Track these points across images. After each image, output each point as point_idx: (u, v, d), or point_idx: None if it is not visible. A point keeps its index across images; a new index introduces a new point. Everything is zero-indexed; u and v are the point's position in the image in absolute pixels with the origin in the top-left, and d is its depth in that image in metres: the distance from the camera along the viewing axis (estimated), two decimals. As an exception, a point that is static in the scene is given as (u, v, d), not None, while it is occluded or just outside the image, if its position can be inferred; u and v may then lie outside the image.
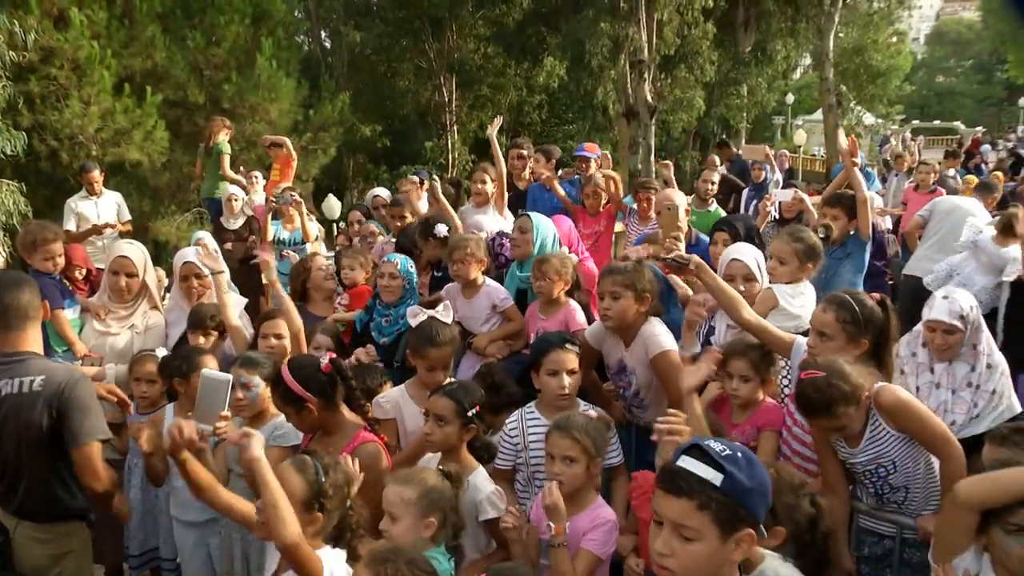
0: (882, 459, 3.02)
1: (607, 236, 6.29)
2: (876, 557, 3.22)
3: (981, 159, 21.35)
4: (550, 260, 4.37)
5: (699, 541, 1.75)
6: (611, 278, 3.71)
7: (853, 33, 29.26)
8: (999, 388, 3.60)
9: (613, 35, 19.59)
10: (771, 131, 36.57)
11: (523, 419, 3.42)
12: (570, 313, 4.37)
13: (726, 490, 1.74)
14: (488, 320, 4.62)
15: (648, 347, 3.71)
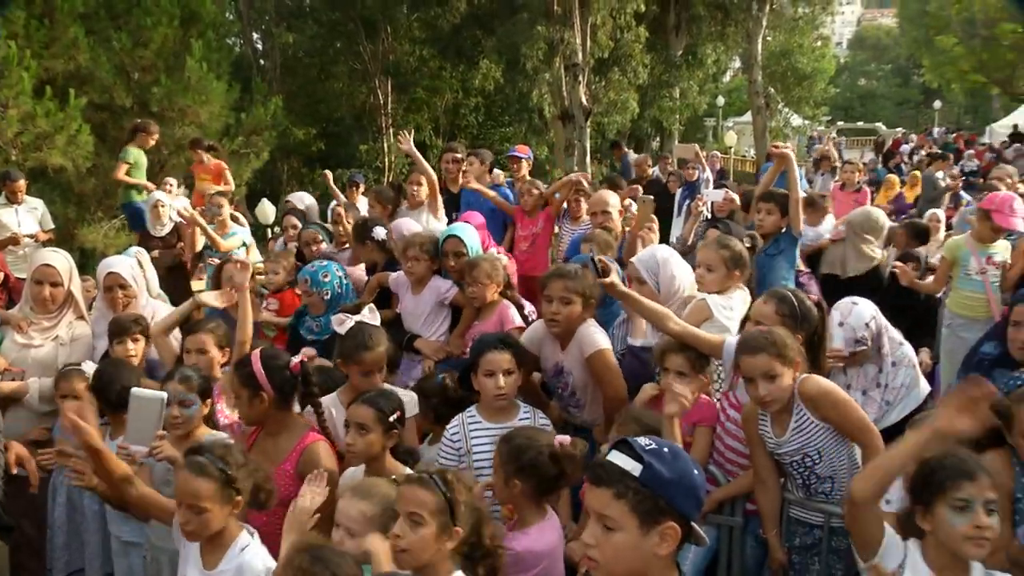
0: (808, 449, 3.12)
1: (544, 237, 6.36)
2: (806, 546, 3.32)
3: (901, 158, 22.16)
4: (480, 265, 4.38)
5: (619, 531, 1.80)
6: (562, 283, 3.72)
7: (780, 37, 30.00)
8: (906, 381, 3.76)
9: (548, 38, 19.73)
10: (703, 132, 37.27)
11: (464, 423, 3.43)
12: (504, 313, 4.39)
13: (644, 480, 1.80)
14: (431, 314, 4.63)
15: (583, 347, 3.75)
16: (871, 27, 71.67)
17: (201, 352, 3.91)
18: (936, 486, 2.28)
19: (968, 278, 5.48)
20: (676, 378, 3.50)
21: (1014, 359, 3.61)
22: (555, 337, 3.86)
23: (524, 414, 3.48)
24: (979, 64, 28.66)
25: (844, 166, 9.94)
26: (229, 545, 2.63)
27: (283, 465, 3.17)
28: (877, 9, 70.41)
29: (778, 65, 30.04)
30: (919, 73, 47.31)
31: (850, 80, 62.36)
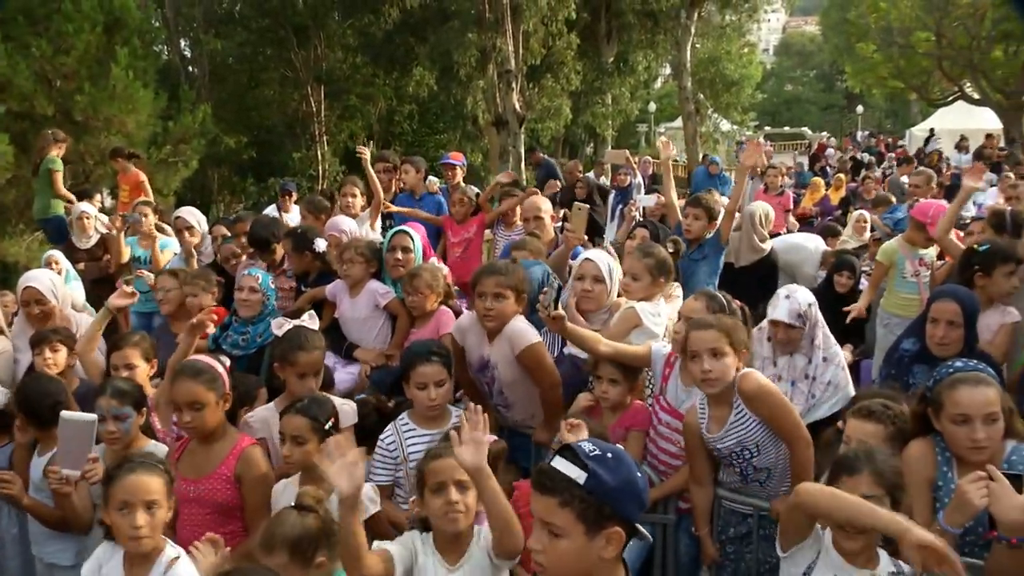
0: (746, 442, 3.21)
1: (477, 243, 6.38)
2: (740, 536, 3.43)
3: (826, 162, 22.85)
4: (421, 274, 4.39)
5: (565, 537, 1.83)
6: (495, 279, 3.76)
7: (708, 44, 30.65)
8: (834, 379, 3.85)
9: (480, 45, 19.80)
10: (635, 138, 37.82)
11: (399, 431, 3.43)
12: (440, 319, 4.40)
13: (589, 488, 1.82)
14: (369, 318, 4.60)
15: (513, 343, 3.77)
16: (796, 34, 73.66)
17: (129, 367, 3.83)
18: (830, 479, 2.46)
19: (904, 280, 5.67)
20: (609, 385, 3.57)
21: (932, 354, 3.73)
22: (483, 331, 3.88)
23: (456, 418, 3.49)
24: (897, 70, 29.66)
25: (768, 170, 10.26)
26: (155, 560, 2.57)
27: (219, 469, 3.14)
28: (801, 17, 72.26)
29: (707, 72, 30.65)
30: (842, 79, 48.78)
31: (776, 86, 63.94)
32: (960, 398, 2.65)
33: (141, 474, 2.55)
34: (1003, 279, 4.22)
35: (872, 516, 2.31)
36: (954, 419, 2.67)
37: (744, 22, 29.90)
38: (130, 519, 2.51)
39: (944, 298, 3.77)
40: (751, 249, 5.89)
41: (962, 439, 2.65)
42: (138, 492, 2.52)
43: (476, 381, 4.04)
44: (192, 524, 2.91)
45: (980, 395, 2.64)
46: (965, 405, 2.64)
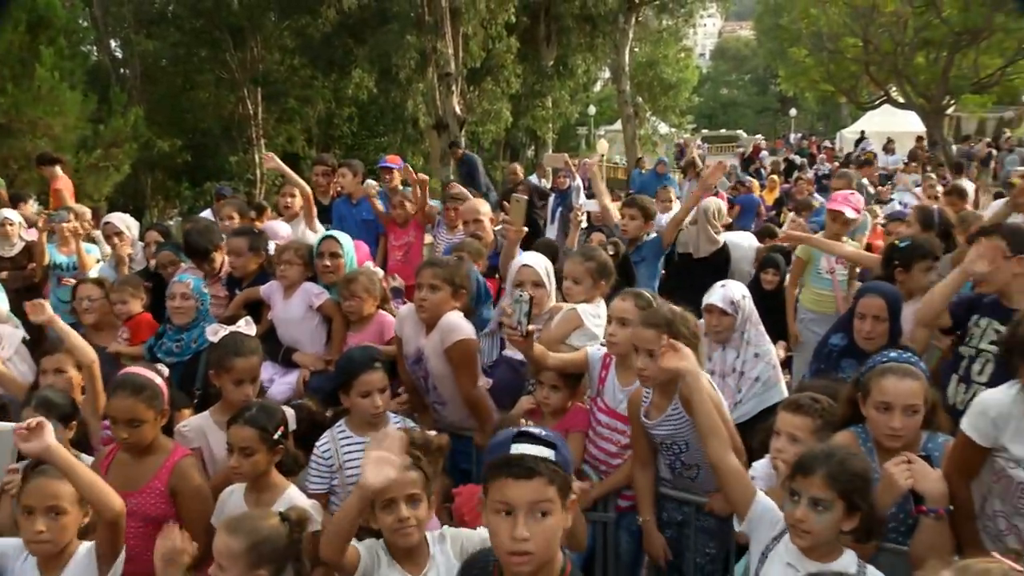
0: (676, 438, 3.27)
1: (418, 246, 6.37)
2: (678, 522, 3.49)
3: (761, 164, 23.36)
4: (358, 279, 4.36)
5: (553, 514, 1.87)
6: (431, 270, 3.80)
7: (646, 49, 31.06)
8: (763, 376, 3.94)
9: (420, 48, 19.77)
10: (576, 141, 38.11)
11: (335, 439, 3.39)
12: (384, 324, 4.38)
13: (559, 463, 1.90)
14: (304, 319, 4.55)
15: (444, 336, 3.77)
16: (731, 39, 75.09)
17: (59, 372, 3.74)
18: (789, 476, 2.52)
19: (819, 276, 5.85)
20: (551, 391, 3.60)
21: (860, 349, 3.85)
22: (421, 323, 3.89)
23: (394, 423, 3.47)
24: (827, 75, 30.42)
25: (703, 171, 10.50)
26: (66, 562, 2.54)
27: (152, 483, 3.06)
28: (736, 22, 73.67)
29: (645, 75, 31.05)
30: (775, 83, 49.77)
31: (713, 89, 65.06)
32: (885, 386, 2.76)
33: (49, 479, 2.52)
34: (921, 274, 4.38)
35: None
36: (877, 406, 2.78)
37: (681, 27, 30.43)
38: (31, 524, 2.51)
39: (870, 294, 3.90)
40: (708, 241, 6.09)
41: (882, 426, 2.77)
42: (43, 497, 2.51)
43: (412, 375, 4.03)
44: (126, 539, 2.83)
45: (904, 386, 2.74)
46: (888, 394, 2.75)
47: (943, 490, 2.57)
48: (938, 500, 2.56)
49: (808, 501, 2.40)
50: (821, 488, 2.39)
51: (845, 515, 2.40)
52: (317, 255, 4.62)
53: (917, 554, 2.65)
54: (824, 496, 2.38)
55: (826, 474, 2.39)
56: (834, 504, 2.39)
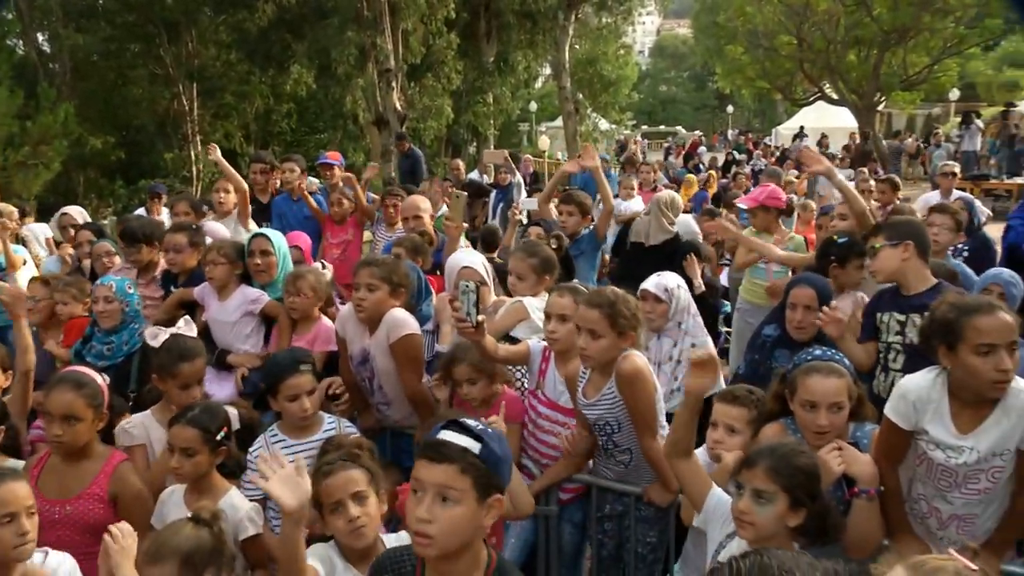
0: (609, 417, 3.32)
1: (356, 244, 6.32)
2: (617, 514, 3.53)
3: (699, 159, 23.75)
4: (305, 276, 4.30)
5: (460, 504, 1.87)
6: (368, 270, 3.77)
7: (586, 45, 31.28)
8: None
9: (359, 44, 19.56)
10: (518, 137, 38.21)
11: (269, 444, 3.33)
12: (320, 332, 4.33)
13: (483, 457, 1.88)
14: (240, 323, 4.48)
15: (390, 331, 3.75)
16: (669, 36, 76.08)
17: None
18: (734, 472, 2.56)
19: (757, 268, 5.98)
20: (468, 385, 3.61)
21: (792, 339, 3.95)
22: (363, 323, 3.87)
23: (329, 424, 3.44)
24: (763, 72, 31.08)
25: (641, 167, 10.72)
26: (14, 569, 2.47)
27: (90, 488, 2.99)
28: (674, 20, 74.65)
29: (585, 72, 31.28)
30: (713, 80, 50.63)
31: (652, 86, 65.90)
32: (811, 385, 2.84)
33: None
34: (855, 271, 4.52)
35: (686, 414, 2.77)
36: (803, 404, 2.87)
37: (620, 24, 30.67)
38: None
39: (801, 284, 4.00)
40: (661, 230, 6.24)
41: (808, 423, 2.86)
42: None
43: (357, 376, 4.01)
44: (60, 548, 2.76)
45: (829, 385, 2.83)
46: (813, 393, 2.83)
47: (873, 472, 2.70)
48: (869, 481, 2.69)
49: (751, 493, 2.44)
50: (763, 480, 2.42)
51: (789, 510, 2.42)
52: (248, 254, 4.55)
53: (850, 538, 2.75)
54: (766, 488, 2.41)
55: (768, 467, 2.42)
56: (776, 497, 2.41)
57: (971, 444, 2.64)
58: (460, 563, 1.93)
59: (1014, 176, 19.98)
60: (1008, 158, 22.30)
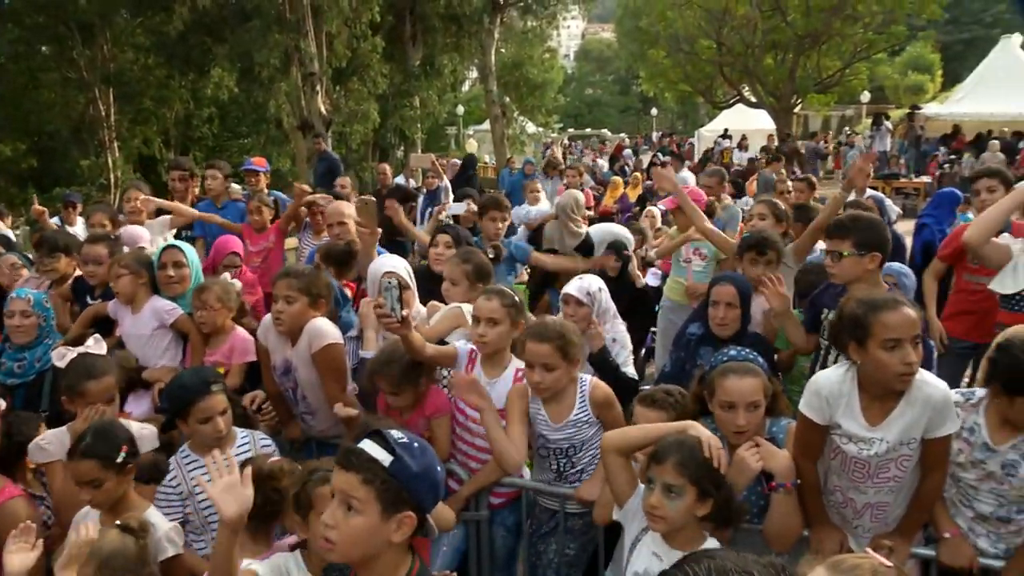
0: (575, 440, 3.39)
1: (277, 252, 6.21)
2: (551, 531, 3.56)
3: (625, 161, 24.10)
4: (211, 288, 4.22)
5: (361, 514, 1.86)
6: (286, 281, 3.73)
7: (512, 49, 31.40)
8: (619, 360, 4.18)
9: (282, 47, 19.26)
10: (445, 140, 38.15)
11: (181, 465, 3.25)
12: (236, 343, 4.26)
13: (393, 471, 1.87)
14: (154, 336, 4.37)
15: (311, 342, 3.73)
16: (594, 40, 76.90)
17: None
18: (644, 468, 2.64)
19: (678, 266, 6.12)
20: (392, 398, 3.61)
21: (716, 336, 4.05)
22: (283, 334, 3.83)
23: (243, 440, 3.37)
24: (685, 75, 31.65)
25: (568, 170, 10.83)
26: None
27: None
28: (598, 24, 75.54)
29: (511, 75, 31.37)
30: (637, 83, 51.45)
31: (578, 90, 66.55)
32: (728, 386, 2.93)
33: None
34: (749, 265, 4.58)
35: (656, 430, 2.78)
36: (722, 405, 2.96)
37: (545, 28, 30.91)
38: None
39: (722, 282, 4.10)
40: (571, 235, 6.26)
41: (728, 423, 2.94)
42: None
43: (280, 386, 3.96)
44: None
45: (746, 385, 2.92)
46: (731, 393, 2.92)
47: (789, 465, 2.80)
48: (786, 475, 2.79)
49: (661, 487, 2.52)
50: (673, 475, 2.51)
51: (697, 501, 2.53)
52: (159, 266, 4.45)
53: (771, 531, 2.87)
54: (676, 482, 2.51)
55: (677, 461, 2.52)
56: (685, 490, 2.51)
57: (881, 435, 2.76)
58: (374, 572, 1.93)
59: (921, 175, 20.89)
60: (915, 158, 23.32)
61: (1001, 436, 2.81)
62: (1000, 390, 2.76)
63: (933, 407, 2.71)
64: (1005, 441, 2.80)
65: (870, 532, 2.95)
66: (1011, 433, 2.80)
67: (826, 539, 2.94)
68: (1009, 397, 2.73)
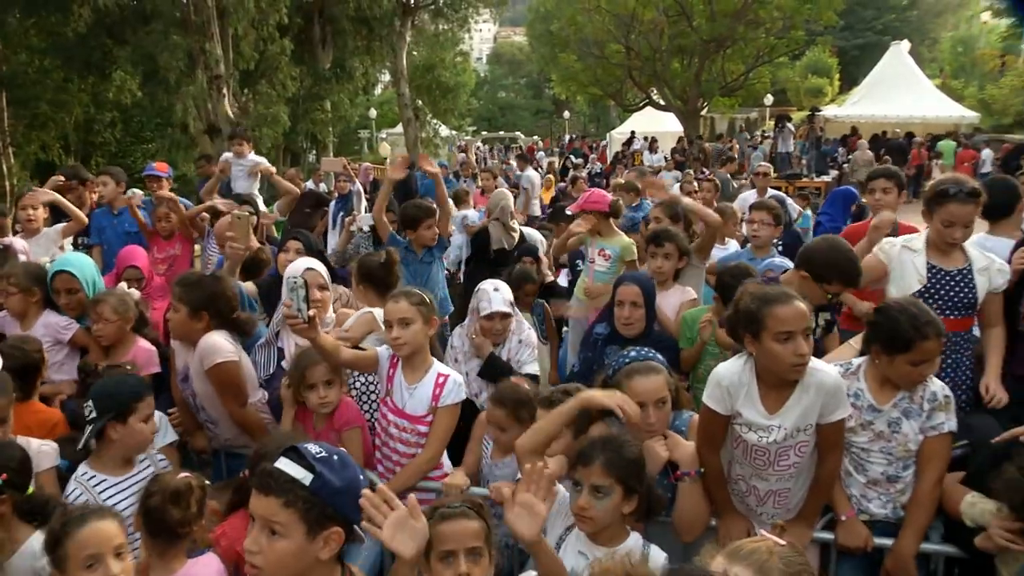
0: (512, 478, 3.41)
1: (184, 259, 6.08)
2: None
3: (537, 163, 24.36)
4: (106, 301, 4.09)
5: (286, 537, 1.83)
6: (176, 290, 3.72)
7: (424, 52, 31.37)
8: (525, 359, 4.29)
9: (187, 49, 18.73)
10: (358, 144, 37.77)
11: (85, 486, 3.10)
12: (138, 355, 4.13)
13: (314, 489, 1.84)
14: (49, 352, 4.17)
15: (203, 358, 3.69)
16: (506, 44, 77.24)
17: None
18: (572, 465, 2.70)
19: (586, 266, 6.22)
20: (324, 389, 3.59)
21: (622, 336, 4.14)
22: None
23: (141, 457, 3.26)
24: (595, 79, 32.24)
25: (482, 173, 10.90)
26: None
27: None
28: (510, 27, 75.91)
29: (424, 78, 31.38)
30: (549, 86, 51.96)
31: (491, 93, 66.75)
32: (635, 386, 3.00)
33: None
34: (650, 258, 4.80)
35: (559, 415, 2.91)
36: None
37: (456, 31, 30.93)
38: None
39: (627, 282, 4.21)
40: (506, 234, 6.37)
41: (639, 422, 2.99)
42: None
43: (183, 392, 3.90)
44: None
45: (651, 383, 3.01)
46: (639, 393, 2.99)
47: (692, 454, 2.94)
48: (689, 464, 2.92)
49: (589, 489, 2.58)
50: (600, 476, 2.57)
51: (624, 499, 2.60)
52: (53, 292, 4.33)
53: (680, 521, 2.97)
54: (603, 483, 2.57)
55: (604, 462, 2.58)
56: (613, 489, 2.57)
57: (778, 423, 2.87)
58: None
59: (822, 175, 21.74)
60: (816, 158, 24.23)
61: (884, 396, 3.03)
62: (880, 350, 2.98)
63: (826, 392, 2.84)
64: (888, 400, 3.02)
65: (774, 519, 3.07)
66: (892, 392, 3.02)
67: (733, 527, 3.05)
68: (889, 356, 2.95)
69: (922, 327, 2.88)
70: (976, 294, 3.78)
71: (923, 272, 3.83)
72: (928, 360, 2.93)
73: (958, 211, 3.74)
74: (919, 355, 2.90)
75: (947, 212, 3.76)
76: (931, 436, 2.98)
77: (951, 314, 3.73)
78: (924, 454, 3.00)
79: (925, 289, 3.77)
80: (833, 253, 3.75)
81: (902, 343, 2.90)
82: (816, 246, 3.91)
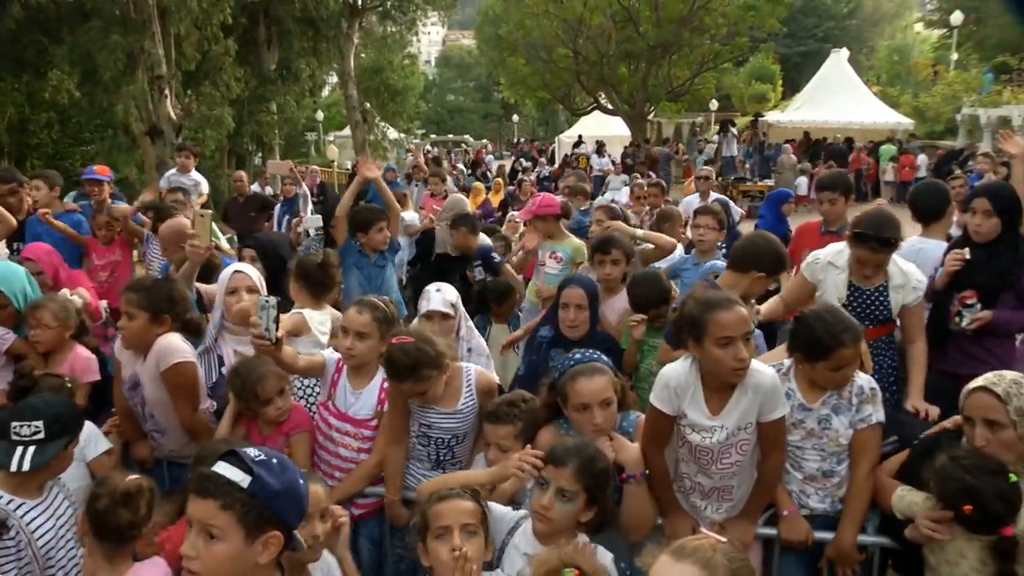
0: (458, 431, 3.44)
1: (125, 265, 5.96)
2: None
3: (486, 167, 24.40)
4: (45, 306, 4.00)
5: (223, 541, 1.82)
6: (126, 296, 3.61)
7: (371, 54, 31.19)
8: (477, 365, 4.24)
9: (127, 48, 18.31)
10: (305, 147, 37.36)
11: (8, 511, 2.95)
12: (76, 362, 4.06)
13: (253, 492, 1.83)
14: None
15: (159, 360, 3.62)
16: (455, 47, 77.11)
17: None
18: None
19: (538, 269, 6.26)
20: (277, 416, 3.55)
21: (567, 338, 4.17)
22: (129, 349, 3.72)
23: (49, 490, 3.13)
24: (543, 83, 32.36)
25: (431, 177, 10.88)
26: None
27: None
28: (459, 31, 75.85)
29: (372, 81, 31.19)
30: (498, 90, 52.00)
31: (439, 96, 66.57)
32: (579, 388, 3.03)
33: None
34: (598, 266, 4.83)
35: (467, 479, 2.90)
36: (576, 407, 3.05)
37: (404, 34, 30.86)
38: None
39: (571, 285, 4.26)
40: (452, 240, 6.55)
41: (585, 424, 3.04)
42: None
43: (129, 401, 3.81)
44: None
45: (596, 384, 3.03)
46: (583, 394, 3.02)
47: (638, 457, 2.97)
48: (635, 466, 2.96)
49: (555, 490, 2.59)
50: (570, 480, 2.58)
51: (585, 507, 2.62)
52: None
53: (626, 521, 2.99)
54: (571, 488, 2.58)
55: (577, 467, 2.59)
56: (578, 496, 2.59)
57: (720, 423, 2.94)
58: None
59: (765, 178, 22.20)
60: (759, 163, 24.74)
61: (812, 395, 3.16)
62: (802, 357, 3.12)
63: (764, 392, 2.92)
64: (817, 399, 3.14)
65: (718, 511, 3.14)
66: (821, 390, 3.15)
67: (678, 526, 3.10)
68: (811, 363, 3.08)
69: (839, 335, 3.01)
70: (890, 310, 3.92)
71: (843, 291, 3.97)
72: (848, 364, 3.06)
73: (870, 257, 3.86)
74: (838, 361, 3.03)
75: (861, 253, 3.88)
76: (860, 428, 3.11)
77: (870, 324, 3.86)
78: (855, 446, 3.12)
79: (844, 305, 3.87)
80: (754, 244, 3.94)
81: (820, 350, 3.03)
82: (740, 242, 4.10)
